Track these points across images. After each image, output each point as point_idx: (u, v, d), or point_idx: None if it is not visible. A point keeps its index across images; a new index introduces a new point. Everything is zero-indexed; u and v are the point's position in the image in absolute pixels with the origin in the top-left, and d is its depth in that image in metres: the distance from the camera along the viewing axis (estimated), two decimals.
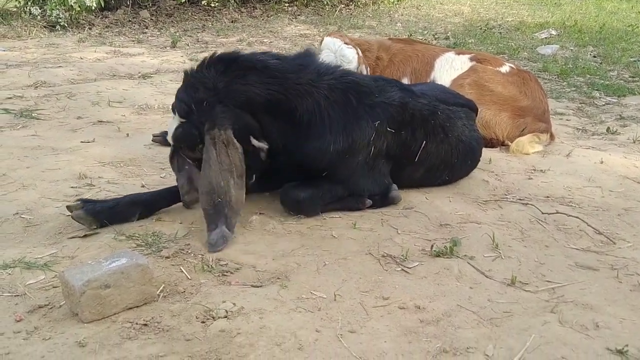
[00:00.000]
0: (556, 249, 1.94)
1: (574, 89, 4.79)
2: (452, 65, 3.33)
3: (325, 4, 9.54)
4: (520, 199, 2.35)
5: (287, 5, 9.51)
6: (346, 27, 7.87)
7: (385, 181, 2.20)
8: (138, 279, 1.46)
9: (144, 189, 2.26)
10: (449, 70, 3.32)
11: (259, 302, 1.52)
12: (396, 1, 10.35)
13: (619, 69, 5.71)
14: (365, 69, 3.40)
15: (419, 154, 2.26)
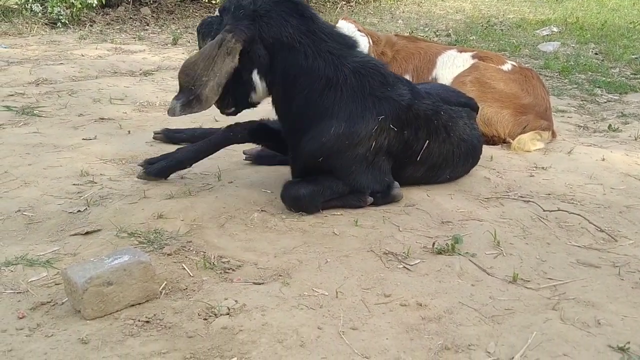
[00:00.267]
0: (558, 246, 1.94)
1: (575, 86, 4.78)
2: (454, 63, 3.32)
3: (327, 0, 9.52)
4: (521, 197, 2.35)
5: None
6: None
7: (385, 178, 2.19)
8: (140, 276, 1.46)
9: (145, 186, 2.26)
10: (450, 67, 3.31)
11: (261, 299, 1.53)
12: None
13: (621, 66, 5.70)
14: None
15: (421, 154, 2.25)
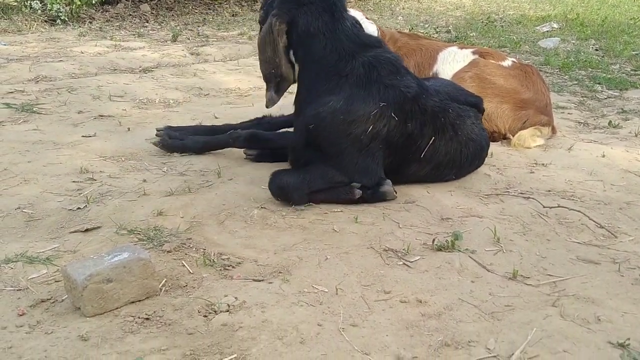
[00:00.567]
0: (558, 242, 1.94)
1: (575, 82, 4.77)
2: (455, 59, 3.32)
3: None
4: (521, 193, 2.34)
5: None
6: None
7: (377, 171, 2.16)
8: (140, 273, 1.46)
9: (145, 183, 2.26)
10: (451, 63, 3.31)
11: (260, 296, 1.53)
12: None
13: (621, 62, 5.69)
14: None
15: (425, 150, 2.24)
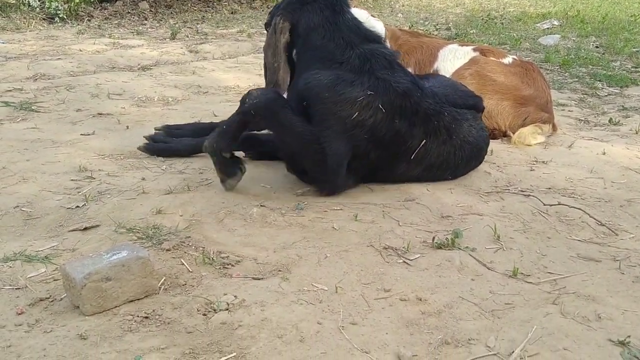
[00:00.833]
0: (558, 240, 1.93)
1: (576, 79, 4.77)
2: (455, 56, 3.32)
3: None
4: (522, 191, 2.34)
5: None
6: None
7: (343, 165, 2.14)
8: (139, 272, 1.45)
9: (144, 182, 2.26)
10: (452, 60, 3.31)
11: (260, 294, 1.52)
12: None
13: (622, 59, 5.68)
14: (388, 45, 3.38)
15: (415, 153, 2.23)
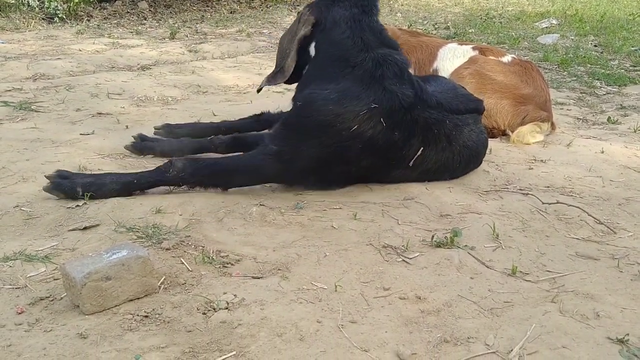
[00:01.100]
0: (557, 238, 1.94)
1: (574, 78, 4.77)
2: (455, 55, 3.33)
3: None
4: (520, 189, 2.34)
5: None
6: None
7: (328, 177, 2.20)
8: (139, 271, 1.46)
9: None
10: (451, 59, 3.32)
11: (259, 293, 1.52)
12: None
13: (620, 58, 5.69)
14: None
15: (413, 161, 2.22)
